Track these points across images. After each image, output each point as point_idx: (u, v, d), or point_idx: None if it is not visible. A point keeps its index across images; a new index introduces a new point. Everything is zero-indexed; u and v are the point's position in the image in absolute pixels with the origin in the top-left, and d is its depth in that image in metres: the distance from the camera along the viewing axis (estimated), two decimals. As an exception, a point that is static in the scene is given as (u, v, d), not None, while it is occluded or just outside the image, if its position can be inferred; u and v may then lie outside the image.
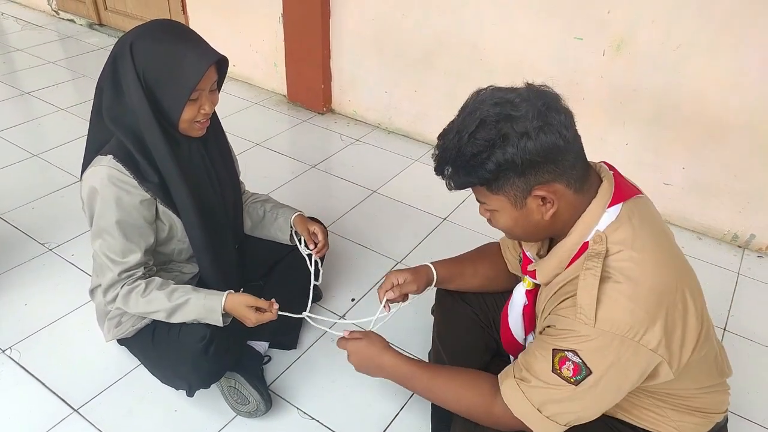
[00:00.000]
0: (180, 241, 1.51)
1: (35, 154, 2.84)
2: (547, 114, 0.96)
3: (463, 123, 0.99)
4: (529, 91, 0.99)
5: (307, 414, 1.68)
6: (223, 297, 1.43)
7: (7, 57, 3.94)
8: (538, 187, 0.99)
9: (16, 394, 1.68)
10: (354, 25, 3.06)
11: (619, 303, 0.96)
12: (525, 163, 0.95)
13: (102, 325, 1.64)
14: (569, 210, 1.03)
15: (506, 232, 1.12)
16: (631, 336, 0.95)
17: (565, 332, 1.01)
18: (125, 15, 4.22)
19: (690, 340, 1.00)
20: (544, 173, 0.97)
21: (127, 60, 1.28)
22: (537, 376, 1.04)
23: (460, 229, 2.49)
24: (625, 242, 1.00)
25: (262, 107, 3.48)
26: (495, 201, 1.03)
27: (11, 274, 2.11)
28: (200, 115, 1.36)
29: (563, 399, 1.02)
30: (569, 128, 0.98)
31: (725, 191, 2.38)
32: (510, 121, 0.95)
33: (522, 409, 1.05)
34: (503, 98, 0.98)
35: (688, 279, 1.05)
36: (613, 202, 1.03)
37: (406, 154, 3.05)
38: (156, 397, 1.69)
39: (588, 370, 0.98)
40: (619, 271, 0.98)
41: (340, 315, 2.01)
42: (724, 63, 2.16)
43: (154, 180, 1.38)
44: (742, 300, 2.18)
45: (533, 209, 1.02)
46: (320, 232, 1.68)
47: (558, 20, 2.45)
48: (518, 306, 1.27)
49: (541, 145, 0.95)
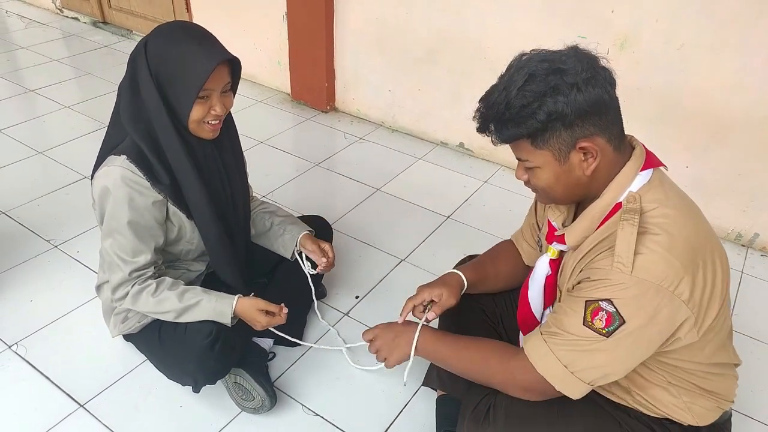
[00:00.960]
0: (188, 242, 1.53)
1: (40, 152, 2.85)
2: (595, 68, 1.00)
3: (510, 79, 1.02)
4: (575, 50, 1.03)
5: (311, 410, 1.68)
6: (234, 300, 1.45)
7: (12, 54, 3.95)
8: (583, 140, 1.01)
9: (23, 390, 1.69)
10: (357, 24, 3.06)
11: (657, 253, 0.98)
12: (574, 114, 0.98)
13: (108, 320, 1.64)
14: (608, 167, 1.06)
15: (546, 190, 1.12)
16: (666, 285, 0.97)
17: (600, 282, 1.02)
18: (129, 13, 4.23)
19: (715, 302, 1.03)
20: (590, 125, 1.00)
21: (143, 59, 1.30)
22: (566, 330, 1.05)
23: (464, 227, 2.49)
24: (660, 200, 1.04)
25: (266, 105, 3.49)
26: (539, 156, 1.05)
27: (17, 271, 2.12)
28: (210, 116, 1.37)
29: (592, 351, 1.02)
30: (612, 84, 1.02)
31: (729, 190, 2.38)
32: (560, 73, 0.98)
33: (545, 365, 1.06)
34: (549, 56, 1.02)
35: (717, 245, 1.08)
36: (645, 167, 1.07)
37: (409, 152, 3.06)
38: (162, 392, 1.69)
39: (621, 320, 0.99)
40: (655, 225, 1.01)
41: (344, 312, 2.02)
42: (728, 62, 2.16)
43: (166, 181, 1.39)
44: (746, 299, 2.18)
45: (575, 164, 1.04)
46: (330, 250, 1.70)
47: (561, 18, 2.45)
48: (540, 276, 1.27)
49: (590, 96, 0.98)
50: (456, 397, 1.46)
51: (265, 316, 1.47)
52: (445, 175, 2.86)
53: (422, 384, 1.58)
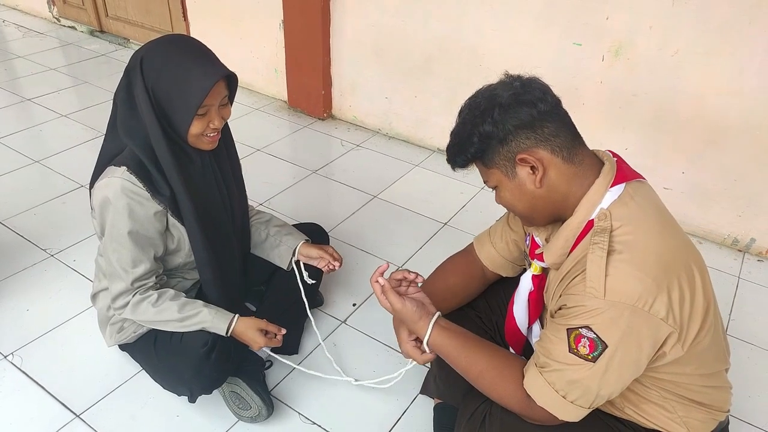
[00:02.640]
0: (187, 254, 1.53)
1: (37, 161, 2.85)
2: (521, 89, 1.07)
3: (458, 115, 1.14)
4: (512, 77, 1.11)
5: (308, 419, 1.68)
6: (231, 320, 1.47)
7: (9, 64, 3.95)
8: (520, 153, 1.07)
9: (18, 400, 1.68)
10: (354, 32, 3.07)
11: (627, 273, 0.98)
12: (503, 131, 1.06)
13: (104, 330, 1.64)
14: (564, 179, 1.08)
15: (510, 208, 1.17)
16: (641, 305, 0.97)
17: (576, 309, 1.02)
18: (126, 22, 4.24)
19: (697, 315, 1.02)
20: (524, 139, 1.06)
21: (138, 75, 1.30)
22: (555, 359, 1.05)
23: (460, 234, 2.50)
24: (630, 217, 1.04)
25: (262, 113, 3.50)
26: (492, 175, 1.13)
27: (13, 280, 2.11)
28: (209, 130, 1.38)
29: (583, 378, 1.03)
30: (544, 101, 1.07)
31: (725, 195, 2.39)
32: (490, 99, 1.09)
33: (545, 398, 1.06)
34: (490, 89, 1.11)
35: (693, 253, 1.08)
36: (616, 183, 1.08)
37: (406, 159, 3.06)
38: (158, 402, 1.69)
39: (603, 344, 1.00)
40: (624, 244, 1.01)
41: (341, 320, 2.02)
42: (722, 68, 2.17)
43: (166, 193, 1.39)
44: (742, 304, 2.18)
45: (525, 178, 1.09)
46: (334, 251, 1.71)
47: (557, 26, 2.46)
48: (524, 292, 1.28)
49: (515, 113, 1.06)
50: (453, 405, 1.46)
51: (264, 337, 1.49)
52: (442, 182, 2.86)
53: (419, 392, 1.58)
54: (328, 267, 1.68)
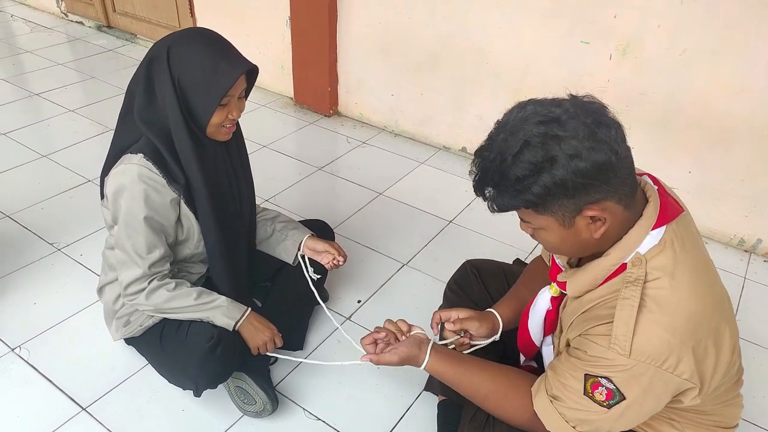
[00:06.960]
0: (195, 245, 1.54)
1: (44, 155, 2.86)
2: (597, 130, 0.90)
3: (505, 144, 0.92)
4: (574, 104, 0.93)
5: (313, 414, 1.68)
6: (244, 312, 1.53)
7: (17, 59, 3.97)
8: (588, 207, 0.93)
9: (25, 393, 1.70)
10: (360, 29, 3.07)
11: (655, 334, 0.94)
12: (576, 186, 0.90)
13: (110, 324, 1.65)
14: (618, 227, 0.99)
15: (551, 249, 1.08)
16: (666, 367, 0.94)
17: (598, 359, 0.99)
18: (133, 17, 4.25)
19: (721, 371, 1.00)
20: (596, 193, 0.92)
21: (164, 64, 1.32)
22: (569, 397, 1.04)
23: (466, 232, 2.50)
24: (665, 269, 0.97)
25: (269, 109, 3.50)
26: (541, 220, 0.98)
27: (20, 274, 2.13)
28: (227, 120, 1.41)
29: (595, 420, 1.02)
30: (620, 143, 0.92)
31: (731, 195, 2.38)
32: (558, 141, 0.89)
33: (554, 424, 1.06)
34: (548, 115, 0.91)
35: (724, 309, 1.03)
36: (657, 225, 0.99)
37: (412, 156, 3.06)
38: (163, 396, 1.70)
39: (621, 396, 0.98)
40: (656, 301, 0.95)
41: (346, 317, 2.02)
42: (730, 67, 2.16)
43: (181, 181, 1.42)
44: (748, 304, 2.18)
45: (582, 228, 0.97)
46: (339, 247, 1.73)
47: (564, 24, 2.45)
48: (541, 311, 1.24)
49: (593, 164, 0.89)
50: (457, 402, 1.46)
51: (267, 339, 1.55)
52: (448, 180, 2.86)
53: (424, 389, 1.58)
54: (333, 263, 1.69)
